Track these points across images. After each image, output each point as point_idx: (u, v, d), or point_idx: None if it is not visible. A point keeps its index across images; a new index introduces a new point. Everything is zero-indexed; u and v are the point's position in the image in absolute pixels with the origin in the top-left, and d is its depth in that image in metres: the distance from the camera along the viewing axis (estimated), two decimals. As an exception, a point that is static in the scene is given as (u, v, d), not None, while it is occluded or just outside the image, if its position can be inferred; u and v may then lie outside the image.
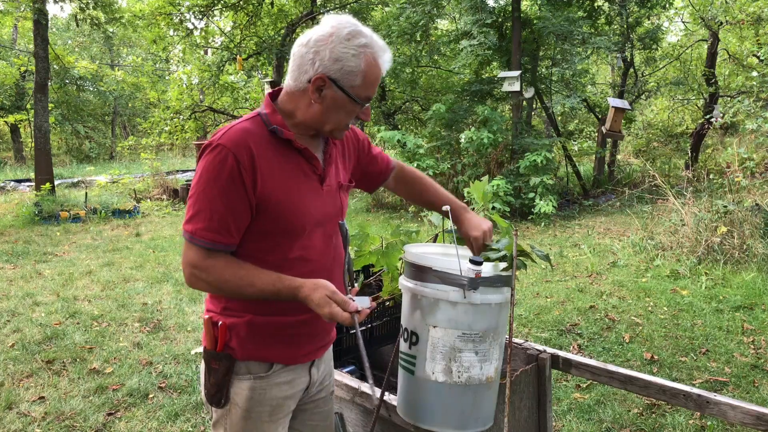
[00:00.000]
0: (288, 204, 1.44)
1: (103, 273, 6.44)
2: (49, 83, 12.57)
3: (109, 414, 3.36)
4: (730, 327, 4.47)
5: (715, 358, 3.96)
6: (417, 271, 1.61)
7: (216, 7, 13.41)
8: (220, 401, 1.51)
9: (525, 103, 10.64)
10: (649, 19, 12.79)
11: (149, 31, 14.50)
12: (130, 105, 27.38)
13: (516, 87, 9.50)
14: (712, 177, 7.96)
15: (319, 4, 13.75)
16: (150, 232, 9.03)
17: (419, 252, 1.67)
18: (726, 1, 12.83)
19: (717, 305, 4.94)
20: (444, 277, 1.55)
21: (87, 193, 11.64)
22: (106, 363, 4.06)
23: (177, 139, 15.64)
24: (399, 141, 9.97)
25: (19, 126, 23.54)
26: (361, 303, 1.42)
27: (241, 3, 13.30)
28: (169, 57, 20.82)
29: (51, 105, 15.52)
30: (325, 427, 1.72)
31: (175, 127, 14.88)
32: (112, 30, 19.72)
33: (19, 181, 16.00)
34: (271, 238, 1.46)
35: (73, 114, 23.06)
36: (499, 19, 10.76)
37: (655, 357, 3.98)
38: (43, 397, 3.56)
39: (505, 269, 1.61)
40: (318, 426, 1.71)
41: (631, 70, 12.91)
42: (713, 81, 13.58)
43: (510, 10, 10.31)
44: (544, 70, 11.37)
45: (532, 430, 2.01)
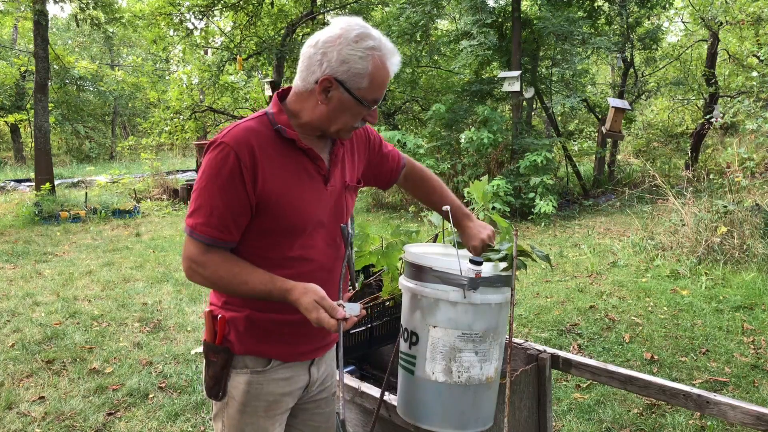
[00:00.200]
0: (288, 203, 1.44)
1: (103, 273, 6.44)
2: (49, 83, 12.57)
3: (109, 414, 3.36)
4: (730, 327, 4.47)
5: (715, 358, 3.96)
6: (417, 271, 1.61)
7: (216, 7, 13.41)
8: (218, 394, 1.53)
9: (525, 103, 10.64)
10: (649, 20, 12.78)
11: (149, 31, 14.51)
12: (130, 105, 27.38)
13: (516, 87, 9.50)
14: (712, 177, 7.97)
15: (319, 4, 13.74)
16: (150, 232, 9.03)
17: (419, 252, 1.67)
18: (726, 1, 12.82)
19: (717, 305, 4.94)
20: (444, 277, 1.55)
21: (87, 193, 11.64)
22: (106, 363, 4.06)
23: (177, 139, 15.63)
24: (399, 141, 9.97)
25: (19, 126, 23.54)
26: (350, 310, 1.42)
27: (241, 3, 13.30)
28: (169, 57, 20.81)
29: (51, 105, 15.52)
30: (327, 428, 1.72)
31: (175, 127, 14.88)
32: (112, 30, 19.70)
33: (19, 181, 16.01)
34: (271, 236, 1.46)
35: (73, 114, 23.05)
36: (499, 19, 10.76)
37: (655, 357, 3.98)
38: (43, 397, 3.56)
39: (505, 269, 1.61)
40: (320, 427, 1.71)
41: (631, 70, 12.90)
42: (713, 81, 13.58)
43: (510, 10, 10.31)
44: (544, 70, 11.37)
45: (532, 430, 2.01)
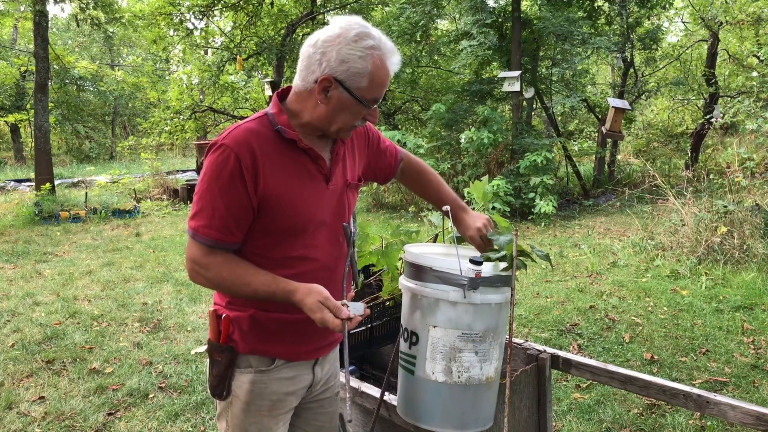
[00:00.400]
0: (290, 203, 1.44)
1: (103, 273, 6.44)
2: (49, 83, 12.57)
3: (109, 414, 3.36)
4: (730, 327, 4.47)
5: (715, 358, 3.96)
6: (417, 271, 1.61)
7: (216, 7, 13.41)
8: (222, 393, 1.53)
9: (525, 103, 10.64)
10: (649, 20, 12.78)
11: (149, 31, 14.51)
12: (130, 105, 27.37)
13: (516, 87, 9.50)
14: (712, 177, 7.96)
15: (319, 4, 13.74)
16: (150, 232, 9.02)
17: (419, 252, 1.67)
18: (726, 1, 12.83)
19: (717, 305, 4.94)
20: (444, 277, 1.55)
21: (87, 193, 11.64)
22: (106, 363, 4.06)
23: (177, 139, 15.64)
24: (399, 141, 9.97)
25: (19, 126, 23.54)
26: (354, 310, 1.42)
27: (241, 3, 13.30)
28: (169, 57, 20.79)
29: (51, 105, 15.53)
30: (330, 428, 1.72)
31: (175, 127, 14.88)
32: (112, 30, 19.73)
33: (19, 181, 16.00)
34: (273, 236, 1.46)
35: (73, 114, 23.05)
36: (499, 19, 10.76)
37: (655, 357, 3.98)
38: (43, 397, 3.56)
39: (505, 269, 1.61)
40: (323, 427, 1.71)
41: (631, 70, 12.90)
42: (713, 81, 13.58)
43: (510, 10, 10.30)
44: (544, 70, 11.37)
45: (532, 430, 2.01)
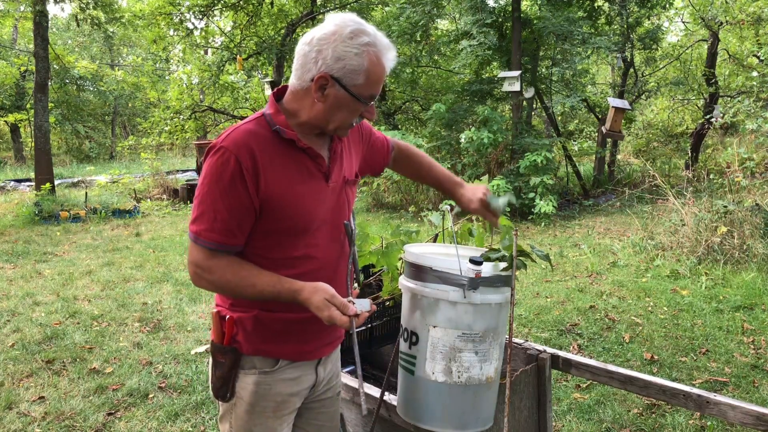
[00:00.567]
0: (291, 204, 1.44)
1: (103, 273, 6.44)
2: (49, 83, 12.58)
3: (109, 414, 3.36)
4: (730, 327, 4.47)
5: (715, 358, 3.96)
6: (417, 271, 1.61)
7: (216, 7, 13.41)
8: (226, 395, 1.52)
9: (525, 103, 10.64)
10: (649, 19, 12.78)
11: (149, 31, 14.52)
12: (130, 105, 27.38)
13: (516, 87, 9.50)
14: (712, 177, 7.95)
15: (319, 4, 13.75)
16: (150, 231, 9.02)
17: (419, 252, 1.67)
18: (726, 1, 12.82)
19: (717, 305, 4.94)
20: (444, 277, 1.55)
21: (87, 193, 11.64)
22: (106, 363, 4.06)
23: (177, 139, 15.64)
24: (399, 141, 9.96)
25: (19, 126, 23.55)
26: (360, 306, 1.42)
27: (241, 3, 13.30)
28: (169, 57, 20.80)
29: (51, 105, 15.53)
30: (331, 428, 1.72)
31: (175, 127, 14.88)
32: (112, 30, 19.71)
33: (19, 180, 16.00)
34: (275, 236, 1.46)
35: (73, 114, 23.05)
36: (499, 19, 10.76)
37: (655, 357, 3.98)
38: (43, 397, 3.56)
39: (505, 269, 1.61)
40: (324, 426, 1.70)
41: (631, 70, 12.90)
42: (713, 81, 13.57)
43: (510, 10, 10.30)
44: (544, 70, 11.36)
45: (532, 430, 2.01)
